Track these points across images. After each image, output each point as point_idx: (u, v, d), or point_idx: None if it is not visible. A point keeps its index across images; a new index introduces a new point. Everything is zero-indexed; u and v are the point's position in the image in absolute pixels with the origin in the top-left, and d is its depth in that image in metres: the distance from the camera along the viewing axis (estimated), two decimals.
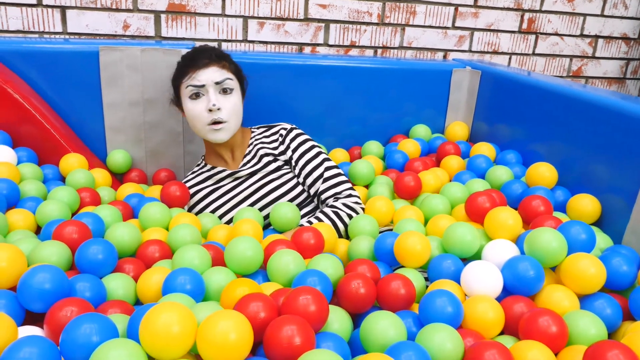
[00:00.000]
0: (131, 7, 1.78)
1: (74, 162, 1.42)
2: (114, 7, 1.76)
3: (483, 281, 0.97)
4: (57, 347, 0.72)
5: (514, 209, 1.35)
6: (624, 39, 2.39)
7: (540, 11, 2.22)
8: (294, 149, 1.41)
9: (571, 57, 2.35)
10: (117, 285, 0.96)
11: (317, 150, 1.42)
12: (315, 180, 1.37)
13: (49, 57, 1.51)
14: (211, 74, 1.31)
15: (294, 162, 1.40)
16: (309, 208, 1.39)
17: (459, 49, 2.18)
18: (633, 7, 2.34)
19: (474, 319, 0.91)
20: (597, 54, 2.37)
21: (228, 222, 1.37)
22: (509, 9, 2.18)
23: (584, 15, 2.28)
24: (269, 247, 1.09)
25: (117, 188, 1.51)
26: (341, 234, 1.30)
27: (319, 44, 2.01)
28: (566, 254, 1.01)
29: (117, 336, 0.76)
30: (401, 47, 2.11)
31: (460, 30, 2.15)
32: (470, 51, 2.19)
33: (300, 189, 1.38)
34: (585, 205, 1.29)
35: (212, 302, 0.88)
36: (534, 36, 2.26)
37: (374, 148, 1.76)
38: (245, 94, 1.46)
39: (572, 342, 0.88)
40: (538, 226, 1.13)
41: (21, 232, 1.12)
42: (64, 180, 1.42)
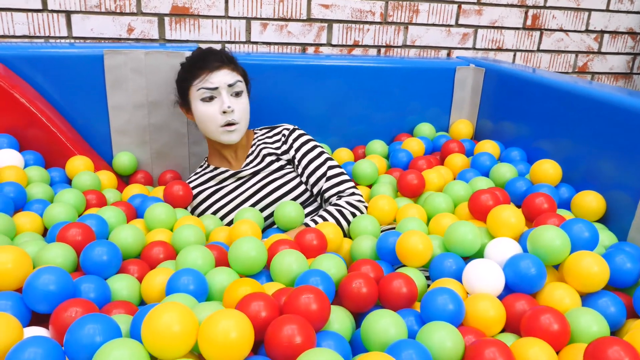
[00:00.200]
0: (135, 11, 1.80)
1: (80, 165, 1.43)
2: (118, 11, 1.78)
3: (485, 279, 0.97)
4: (61, 347, 0.73)
5: (518, 206, 1.35)
6: (630, 33, 2.37)
7: (544, 7, 2.21)
8: (296, 149, 1.42)
9: (577, 52, 2.33)
10: (121, 286, 0.98)
11: (319, 149, 1.43)
12: (319, 179, 1.38)
13: (55, 61, 1.52)
14: (223, 76, 1.32)
15: (296, 161, 1.40)
16: (312, 207, 1.40)
17: (463, 46, 2.17)
18: (639, 2, 2.32)
19: (475, 317, 0.91)
20: (603, 50, 2.36)
21: (231, 222, 1.38)
22: (512, 6, 2.16)
23: (589, 10, 2.26)
24: (272, 247, 1.10)
25: (123, 190, 1.52)
26: (345, 232, 1.30)
27: (322, 44, 2.01)
28: (569, 252, 1.00)
29: (121, 336, 0.76)
30: (404, 46, 2.10)
31: (464, 28, 2.15)
32: (474, 49, 2.18)
33: (302, 188, 1.39)
34: (590, 202, 1.28)
35: (214, 302, 0.89)
36: (538, 32, 2.25)
37: (378, 147, 1.76)
38: (250, 95, 1.46)
39: (574, 339, 0.88)
40: (541, 224, 1.12)
41: (28, 235, 1.14)
42: (70, 183, 1.44)
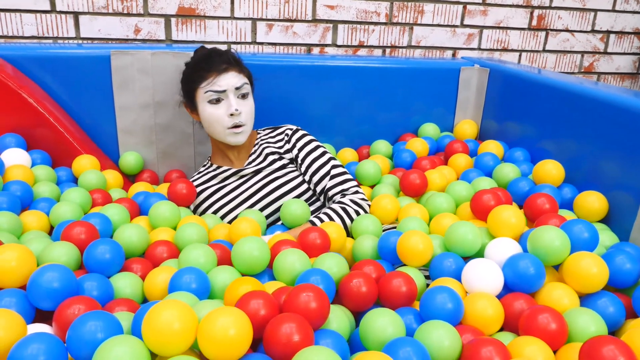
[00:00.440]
0: (142, 12, 1.82)
1: (86, 164, 1.45)
2: (125, 12, 1.80)
3: (484, 279, 0.97)
4: (63, 343, 0.75)
5: (520, 206, 1.35)
6: (637, 33, 2.36)
7: (550, 7, 2.20)
8: (300, 148, 1.43)
9: (582, 53, 2.32)
10: (124, 284, 0.99)
11: (322, 149, 1.44)
12: (322, 177, 1.39)
13: (63, 61, 1.54)
14: (231, 79, 1.34)
15: (300, 160, 1.42)
16: (315, 206, 1.41)
17: (468, 47, 2.17)
18: None
19: (474, 316, 0.91)
20: (609, 50, 2.34)
21: (233, 220, 1.39)
22: (518, 6, 2.16)
23: (595, 10, 2.25)
24: (275, 246, 1.11)
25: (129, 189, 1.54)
26: (348, 231, 1.31)
27: (327, 45, 2.02)
28: (569, 252, 1.00)
29: (122, 333, 0.78)
30: (409, 46, 2.10)
31: (469, 28, 2.15)
32: (479, 49, 2.18)
33: (305, 187, 1.40)
34: (592, 202, 1.28)
35: (215, 300, 0.90)
36: (544, 33, 2.24)
37: (382, 147, 1.76)
38: (254, 95, 1.47)
39: (571, 339, 0.88)
40: (542, 224, 1.12)
41: (34, 233, 1.15)
42: (77, 182, 1.45)
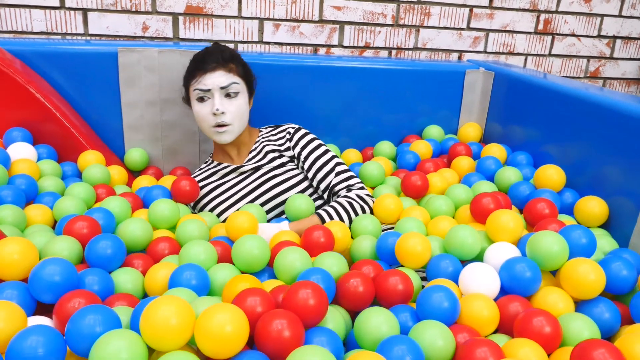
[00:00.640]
0: (150, 10, 1.83)
1: (91, 159, 1.47)
2: (133, 9, 1.81)
3: (480, 283, 0.98)
4: (62, 336, 0.76)
5: (521, 210, 1.36)
6: None
7: (556, 12, 2.20)
8: (303, 146, 1.44)
9: (588, 57, 2.31)
10: (125, 279, 1.00)
11: (325, 147, 1.46)
12: (327, 174, 1.40)
13: (71, 58, 1.56)
14: (217, 78, 1.35)
15: (302, 158, 1.42)
16: (316, 204, 1.41)
17: (474, 50, 2.17)
18: None
19: (470, 317, 0.92)
20: (615, 55, 2.33)
21: None
22: (524, 10, 2.16)
23: (602, 15, 2.24)
24: (277, 245, 1.12)
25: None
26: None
27: (333, 45, 2.02)
28: (567, 258, 1.01)
29: (120, 327, 0.79)
30: (415, 48, 2.11)
31: (475, 32, 2.14)
32: (485, 52, 2.18)
33: (304, 184, 1.41)
34: (593, 207, 1.28)
35: (213, 297, 0.91)
36: (550, 37, 2.24)
37: (386, 148, 1.77)
38: (260, 95, 1.48)
39: (565, 343, 0.89)
40: (542, 229, 1.13)
41: (38, 227, 1.17)
42: (82, 177, 1.47)
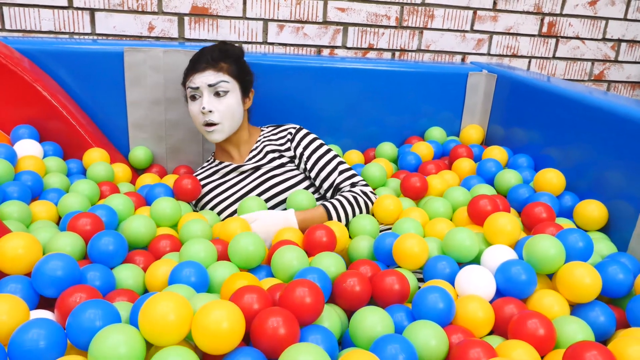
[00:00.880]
0: (156, 10, 1.85)
1: (96, 157, 1.49)
2: (140, 9, 1.84)
3: (476, 285, 0.99)
4: (63, 329, 0.78)
5: (519, 213, 1.36)
6: None
7: (560, 15, 2.20)
8: (305, 146, 1.45)
9: (593, 60, 2.31)
10: (127, 275, 1.02)
11: (327, 147, 1.47)
12: (330, 172, 1.42)
13: (77, 57, 1.59)
14: (206, 77, 1.37)
15: (305, 158, 1.44)
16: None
17: (478, 52, 2.17)
18: None
19: (465, 318, 0.93)
20: (620, 58, 2.33)
21: (232, 214, 1.41)
22: (528, 13, 2.16)
23: (606, 19, 2.24)
24: (275, 244, 1.13)
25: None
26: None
27: (337, 47, 2.03)
28: (563, 261, 1.01)
29: (120, 322, 0.81)
30: (419, 50, 2.12)
31: (479, 34, 2.15)
32: (489, 54, 2.19)
33: (305, 184, 1.42)
34: (592, 211, 1.28)
35: (211, 294, 0.93)
36: (554, 40, 2.24)
37: (387, 149, 1.78)
38: (263, 95, 1.50)
39: (559, 346, 0.89)
40: (539, 233, 1.13)
41: (43, 223, 1.19)
42: (86, 174, 1.49)
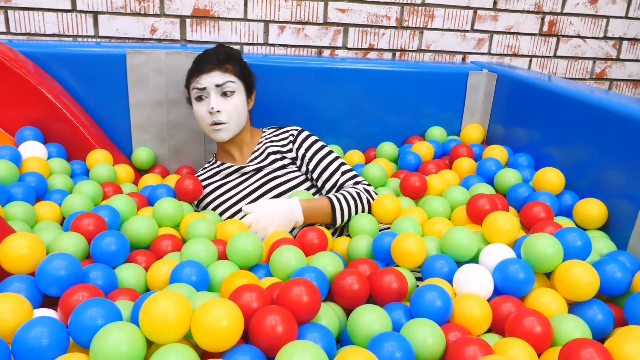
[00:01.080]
0: (158, 12, 1.87)
1: (99, 158, 1.51)
2: (142, 12, 1.85)
3: (474, 284, 0.99)
4: (65, 327, 0.79)
5: (519, 212, 1.37)
6: None
7: (561, 14, 2.20)
8: (307, 147, 1.47)
9: (594, 59, 2.31)
10: (129, 274, 1.04)
11: (329, 149, 1.49)
12: (333, 172, 1.43)
13: (81, 59, 1.61)
14: (213, 77, 1.39)
15: (307, 159, 1.45)
16: None
17: (478, 51, 2.18)
18: None
19: (462, 316, 0.94)
20: (621, 56, 2.33)
21: (234, 214, 1.43)
22: (529, 12, 2.16)
23: (607, 17, 2.24)
24: (274, 244, 1.15)
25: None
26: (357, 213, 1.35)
27: (337, 47, 2.04)
28: (561, 260, 1.02)
29: (121, 320, 0.82)
30: (419, 50, 2.12)
31: (480, 33, 2.15)
32: (489, 54, 2.19)
33: (306, 186, 1.43)
34: (591, 209, 1.29)
35: (210, 292, 0.94)
36: (555, 39, 2.24)
37: (388, 149, 1.78)
38: (264, 96, 1.51)
39: (556, 344, 0.90)
40: (538, 232, 1.14)
41: (46, 223, 1.21)
42: (89, 175, 1.50)
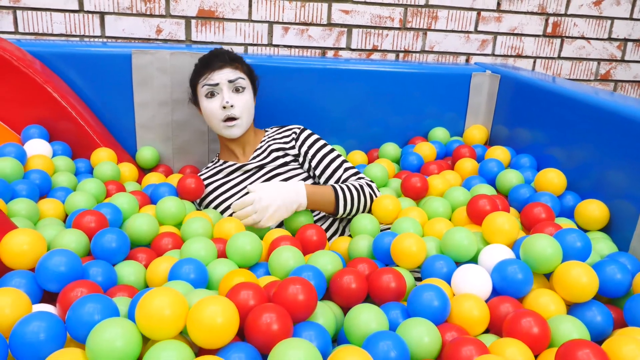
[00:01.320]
0: (164, 13, 1.89)
1: (104, 156, 1.52)
2: (148, 13, 1.87)
3: (473, 284, 1.00)
4: (63, 322, 0.80)
5: (520, 213, 1.37)
6: None
7: (565, 15, 2.19)
8: (309, 145, 1.47)
9: (599, 60, 2.30)
10: (128, 271, 1.05)
11: (331, 147, 1.49)
12: (336, 169, 1.43)
13: (87, 59, 1.62)
14: (225, 74, 1.41)
15: (309, 156, 1.46)
16: None
17: (482, 52, 2.18)
18: None
19: (460, 316, 0.94)
20: (626, 58, 2.32)
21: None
22: (533, 13, 2.16)
23: (612, 18, 2.23)
24: (274, 242, 1.15)
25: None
26: (359, 208, 1.35)
27: (341, 48, 2.05)
28: (560, 261, 1.02)
29: (118, 316, 0.83)
30: (423, 51, 2.13)
31: (483, 35, 2.15)
32: (493, 55, 2.19)
33: (308, 182, 1.44)
34: (593, 210, 1.28)
35: (208, 290, 0.95)
36: (559, 40, 2.23)
37: (390, 150, 1.79)
38: (268, 96, 1.52)
39: (554, 345, 0.90)
40: (538, 232, 1.13)
41: (50, 220, 1.22)
42: (93, 174, 1.52)
